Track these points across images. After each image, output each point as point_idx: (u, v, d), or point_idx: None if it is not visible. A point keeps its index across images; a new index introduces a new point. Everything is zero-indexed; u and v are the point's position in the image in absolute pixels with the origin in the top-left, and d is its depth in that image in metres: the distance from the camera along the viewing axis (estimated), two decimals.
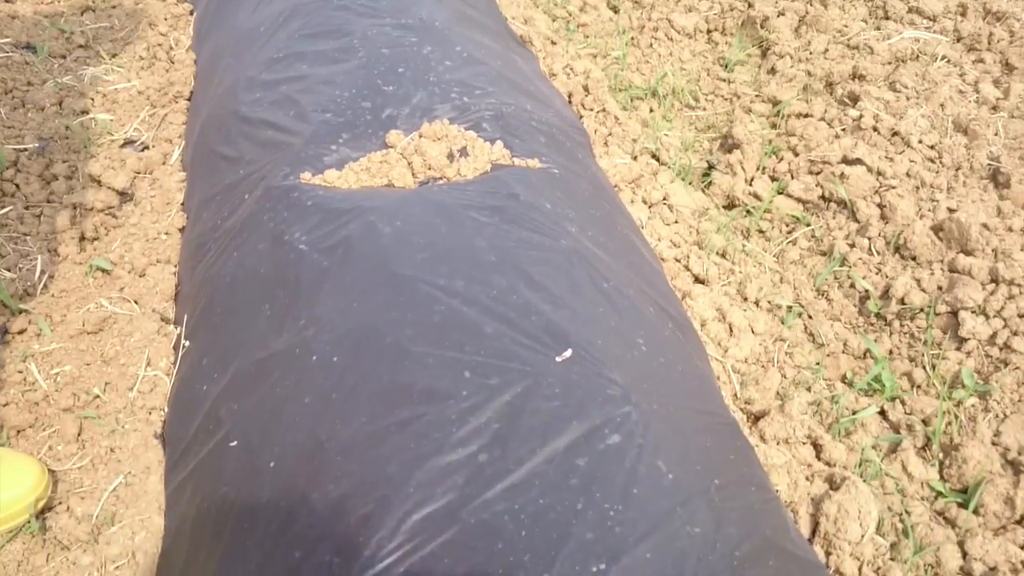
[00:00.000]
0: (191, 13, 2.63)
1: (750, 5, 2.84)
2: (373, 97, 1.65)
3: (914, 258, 1.91)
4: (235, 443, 1.17)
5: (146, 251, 1.76)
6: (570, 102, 2.30)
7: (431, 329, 1.14)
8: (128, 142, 2.14)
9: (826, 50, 2.60)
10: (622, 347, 1.18)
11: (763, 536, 1.02)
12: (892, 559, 1.35)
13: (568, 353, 1.12)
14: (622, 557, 0.89)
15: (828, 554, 1.31)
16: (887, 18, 2.80)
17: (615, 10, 3.06)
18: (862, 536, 1.30)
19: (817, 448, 1.51)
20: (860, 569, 1.30)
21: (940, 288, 1.81)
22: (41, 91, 2.29)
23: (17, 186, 1.98)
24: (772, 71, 2.58)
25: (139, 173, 2.00)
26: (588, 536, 0.92)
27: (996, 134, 2.22)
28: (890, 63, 2.51)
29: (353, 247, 1.30)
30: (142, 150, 2.09)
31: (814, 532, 1.35)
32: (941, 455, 1.54)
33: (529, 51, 2.35)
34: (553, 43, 2.60)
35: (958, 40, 2.70)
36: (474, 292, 1.19)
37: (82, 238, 1.86)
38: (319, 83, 1.71)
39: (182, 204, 1.87)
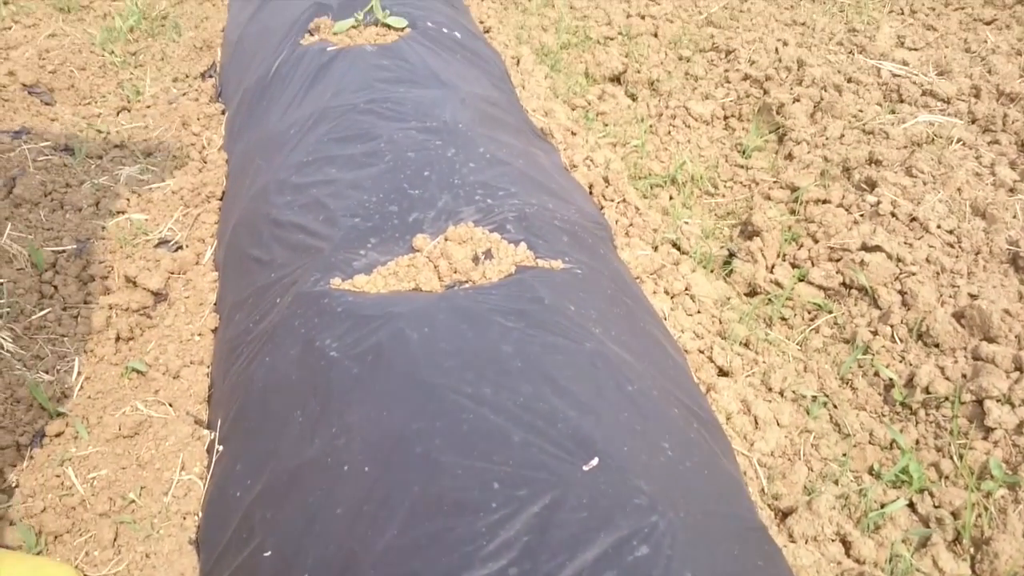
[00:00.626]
0: (223, 113, 2.73)
1: (766, 92, 2.91)
2: (400, 201, 1.70)
3: (937, 345, 1.92)
4: (269, 553, 1.19)
5: (180, 353, 1.81)
6: (591, 193, 2.36)
7: (460, 439, 1.17)
8: (162, 242, 2.20)
9: (842, 135, 2.64)
10: (648, 453, 1.20)
11: None
12: None
13: (595, 462, 1.14)
14: None
15: None
16: (901, 101, 2.85)
17: (633, 98, 3.13)
18: None
19: (846, 545, 1.51)
20: None
21: (964, 376, 1.82)
22: (79, 192, 2.37)
23: (55, 287, 2.05)
24: (789, 157, 2.63)
25: (173, 273, 2.05)
26: None
27: (1014, 217, 2.24)
28: (906, 147, 2.55)
29: (383, 354, 1.33)
30: (176, 250, 2.16)
31: None
32: (972, 549, 1.53)
33: (550, 144, 2.41)
34: (573, 134, 2.67)
35: (973, 122, 2.75)
36: (501, 399, 1.22)
37: (118, 339, 1.91)
38: (347, 187, 1.76)
39: (215, 305, 1.92)
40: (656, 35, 3.48)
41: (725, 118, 2.92)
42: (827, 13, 3.73)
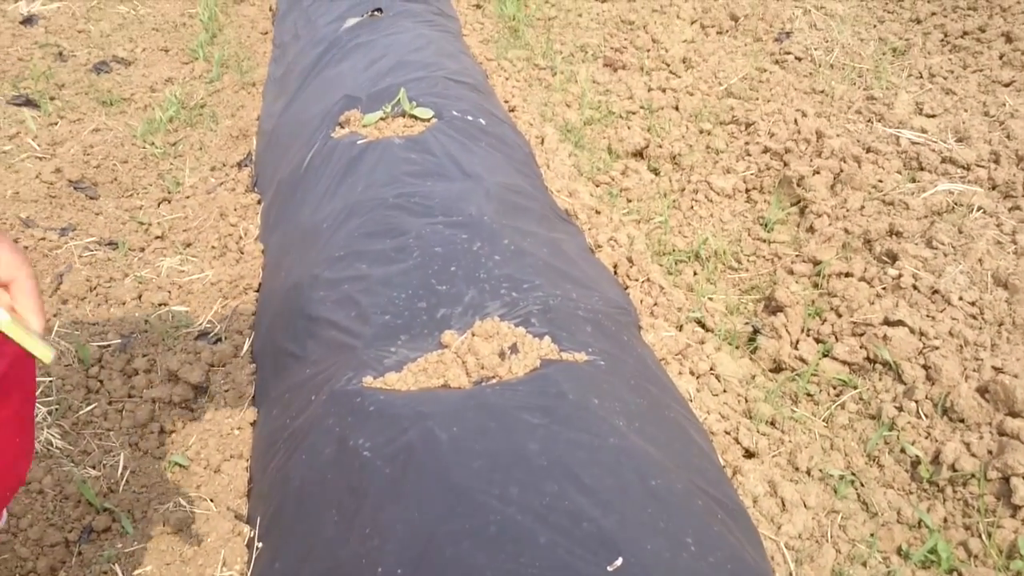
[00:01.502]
0: (258, 203, 2.83)
1: (786, 164, 2.96)
2: (428, 297, 1.77)
3: (962, 420, 1.94)
4: None
5: (220, 447, 1.88)
6: (616, 273, 2.41)
7: (488, 540, 1.21)
8: (202, 334, 2.29)
9: (862, 207, 2.68)
10: (671, 550, 1.24)
11: None
12: None
13: (619, 562, 1.18)
14: None
15: None
16: (921, 169, 2.90)
17: (656, 172, 3.20)
18: None
19: None
20: None
21: (990, 452, 1.83)
22: (122, 286, 2.47)
23: (101, 382, 2.13)
24: (811, 229, 2.67)
25: (213, 366, 2.13)
26: None
27: None
28: (926, 217, 2.59)
29: (413, 455, 1.38)
30: (215, 342, 2.24)
31: None
32: None
33: (575, 225, 2.48)
34: (597, 212, 2.73)
35: (993, 188, 2.78)
36: (528, 499, 1.27)
37: (161, 431, 1.99)
38: (378, 283, 1.84)
39: (253, 398, 1.99)
40: (677, 108, 3.56)
41: (747, 191, 2.98)
42: (846, 80, 3.79)
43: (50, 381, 2.08)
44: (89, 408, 2.04)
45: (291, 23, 4.04)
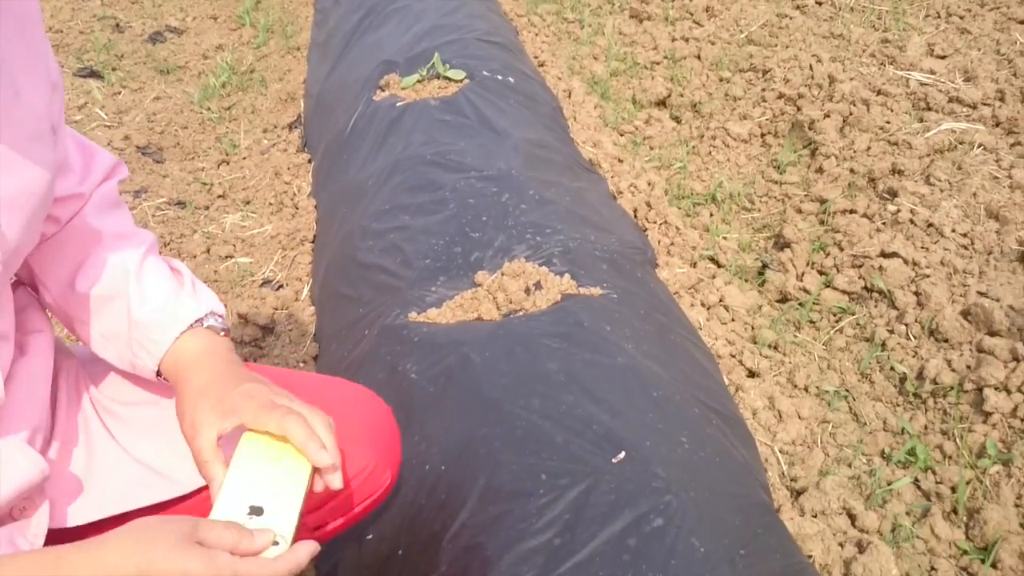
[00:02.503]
0: (309, 162, 3.09)
1: (799, 109, 3.14)
2: (463, 243, 2.02)
3: (946, 340, 2.15)
4: (370, 536, 1.52)
5: None
6: (636, 216, 2.64)
7: (514, 441, 1.47)
8: (265, 282, 2.57)
9: (868, 148, 2.87)
10: (667, 446, 1.49)
11: None
12: None
13: (622, 455, 1.43)
14: None
15: None
16: (928, 109, 3.06)
17: (677, 120, 3.40)
18: None
19: (852, 517, 1.77)
20: None
21: (968, 367, 2.05)
22: (192, 241, 2.76)
23: None
24: (820, 170, 2.87)
25: (277, 310, 2.41)
26: None
27: None
28: (927, 156, 2.77)
29: (453, 376, 1.65)
30: (277, 288, 2.52)
31: None
32: (966, 518, 1.78)
33: (598, 174, 2.70)
34: (620, 161, 2.95)
35: (996, 125, 2.94)
36: (547, 408, 1.52)
37: None
38: (419, 232, 2.09)
39: (314, 336, 2.27)
40: (699, 57, 3.74)
41: (762, 135, 3.17)
42: (864, 23, 3.93)
43: None
44: None
45: None
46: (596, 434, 1.47)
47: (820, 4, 4.13)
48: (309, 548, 0.92)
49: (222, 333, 1.18)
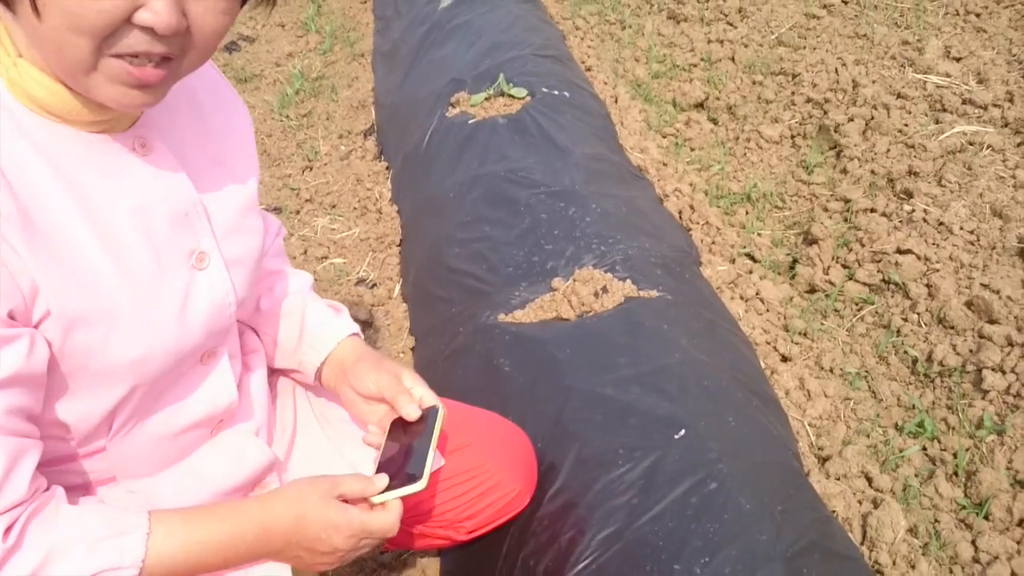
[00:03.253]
0: (387, 169, 3.47)
1: (825, 113, 3.48)
2: (539, 253, 2.40)
3: (952, 327, 2.51)
4: None
5: None
6: (680, 217, 3.00)
7: (594, 423, 1.86)
8: (360, 281, 2.96)
9: (888, 150, 3.20)
10: (718, 424, 1.87)
11: (810, 539, 1.68)
12: (923, 553, 1.98)
13: (682, 432, 1.81)
14: (718, 553, 1.58)
15: (871, 550, 1.95)
16: (944, 111, 3.38)
17: (714, 122, 3.74)
18: (894, 538, 1.94)
19: (869, 479, 2.14)
20: (894, 560, 1.93)
21: (970, 351, 2.41)
22: (291, 244, 3.16)
23: None
24: (844, 171, 3.21)
25: (373, 306, 2.81)
26: (698, 543, 1.61)
27: None
28: (941, 157, 3.10)
29: (539, 368, 2.03)
30: (371, 287, 2.91)
31: (864, 537, 1.99)
32: (964, 479, 2.15)
33: (646, 180, 3.07)
34: (664, 164, 3.31)
35: (1005, 126, 3.26)
36: (619, 395, 1.90)
37: None
38: (501, 243, 2.47)
39: (409, 330, 2.67)
40: (733, 59, 4.07)
41: (792, 137, 3.51)
42: (887, 20, 4.23)
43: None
44: None
45: None
46: (660, 416, 1.85)
47: (846, 3, 4.43)
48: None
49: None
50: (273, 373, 1.64)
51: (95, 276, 1.07)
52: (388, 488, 1.30)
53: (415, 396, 1.48)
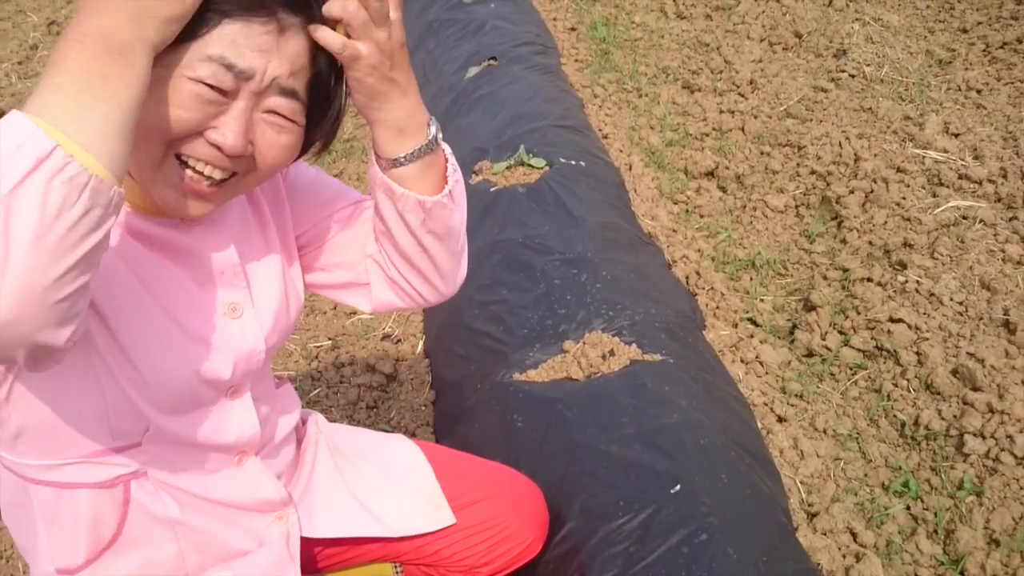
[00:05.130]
0: None
1: (828, 185, 3.68)
2: (552, 317, 2.60)
3: (939, 393, 2.68)
4: None
5: (413, 418, 2.75)
6: (687, 282, 3.19)
7: (598, 477, 2.04)
8: (385, 336, 3.17)
9: (885, 222, 3.39)
10: (711, 481, 2.05)
11: None
12: None
13: (678, 487, 1.99)
14: None
15: None
16: (941, 185, 3.58)
17: (723, 190, 3.95)
18: None
19: (854, 535, 2.30)
20: None
21: (955, 416, 2.57)
22: (320, 299, 3.37)
23: (320, 372, 3.03)
24: (843, 242, 3.40)
25: (398, 360, 3.01)
26: None
27: (1016, 287, 2.96)
28: (935, 230, 3.29)
29: (550, 425, 2.22)
30: (396, 343, 3.12)
31: None
32: (944, 537, 2.31)
33: (655, 246, 3.27)
34: (674, 231, 3.51)
35: (998, 201, 3.45)
36: (622, 451, 2.09)
37: (367, 407, 2.88)
38: (517, 306, 2.67)
39: (431, 384, 2.86)
40: (743, 130, 4.29)
41: (796, 207, 3.71)
42: (892, 94, 4.45)
43: (286, 372, 2.99)
44: (315, 391, 2.94)
45: (419, 64, 4.88)
46: (658, 472, 2.04)
47: (853, 77, 4.66)
48: None
49: None
50: (304, 424, 1.84)
51: (136, 302, 1.27)
52: None
53: None
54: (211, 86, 1.12)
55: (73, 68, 0.94)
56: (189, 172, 1.17)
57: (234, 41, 1.12)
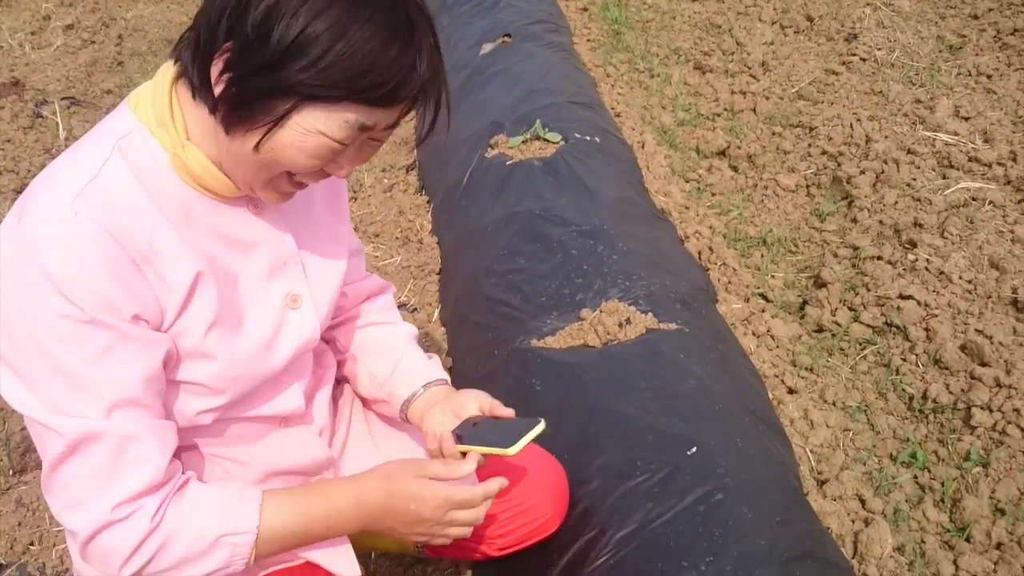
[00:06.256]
0: (428, 203, 3.74)
1: (839, 165, 3.72)
2: (569, 286, 2.64)
3: (947, 368, 2.72)
4: None
5: None
6: (699, 258, 3.24)
7: (616, 438, 2.09)
8: (401, 305, 3.21)
9: (896, 202, 3.44)
10: (726, 444, 2.09)
11: (805, 547, 1.90)
12: (909, 570, 2.19)
13: (694, 449, 2.04)
14: (721, 554, 1.80)
15: (860, 564, 2.16)
16: (951, 167, 3.62)
17: (735, 169, 3.99)
18: (882, 554, 2.15)
19: (862, 501, 2.36)
20: (881, 574, 2.14)
21: (962, 390, 2.62)
22: None
23: None
24: (854, 220, 3.44)
25: (428, 353, 3.04)
26: (704, 545, 1.83)
27: None
28: (944, 211, 3.33)
29: (568, 389, 2.27)
30: (412, 311, 3.16)
31: (855, 552, 2.21)
32: (950, 505, 2.36)
33: (668, 221, 3.31)
34: (687, 208, 3.55)
35: (1008, 183, 3.49)
36: (639, 415, 2.14)
37: None
38: (534, 276, 2.72)
39: (447, 352, 2.91)
40: (755, 111, 4.32)
41: (807, 187, 3.75)
42: (903, 78, 4.48)
43: None
44: None
45: None
46: (674, 435, 2.08)
47: (864, 60, 4.69)
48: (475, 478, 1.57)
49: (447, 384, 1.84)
50: (337, 385, 1.89)
51: (202, 312, 1.33)
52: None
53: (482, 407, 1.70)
54: (341, 142, 1.21)
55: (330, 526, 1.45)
56: (296, 187, 1.30)
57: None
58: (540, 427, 1.61)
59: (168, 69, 1.28)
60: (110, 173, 1.24)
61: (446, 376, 1.85)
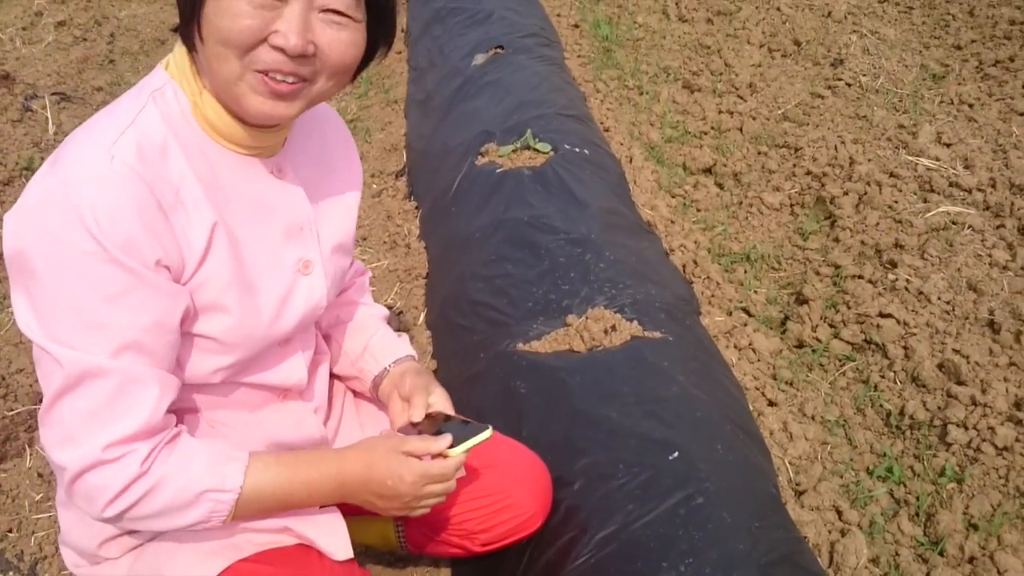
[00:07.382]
0: (416, 209, 3.76)
1: (823, 185, 3.77)
2: (556, 292, 2.67)
3: (924, 386, 2.77)
4: None
5: None
6: (684, 271, 3.27)
7: (598, 441, 2.11)
8: (387, 308, 3.23)
9: (877, 223, 3.49)
10: (707, 450, 2.12)
11: (782, 553, 1.93)
12: None
13: (676, 454, 2.06)
14: (700, 555, 1.82)
15: (836, 573, 2.19)
16: (932, 191, 3.68)
17: (720, 187, 4.04)
18: (857, 564, 2.18)
19: (839, 512, 2.39)
20: None
21: (939, 408, 2.67)
22: None
23: None
24: (836, 240, 3.50)
25: (399, 331, 3.05)
26: (684, 547, 1.85)
27: (1002, 290, 3.06)
28: (925, 233, 3.39)
29: (552, 392, 2.29)
30: (398, 314, 3.18)
31: (831, 562, 2.24)
32: (924, 519, 2.39)
33: (655, 234, 3.35)
34: (672, 222, 3.60)
35: (986, 209, 3.55)
36: (621, 420, 2.16)
37: None
38: (521, 281, 2.74)
39: (432, 355, 2.93)
40: (741, 130, 4.38)
41: (791, 206, 3.80)
42: (887, 104, 4.55)
43: None
44: None
45: (424, 49, 4.95)
46: (656, 440, 2.11)
47: (849, 86, 4.76)
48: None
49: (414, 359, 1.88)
50: (331, 377, 1.91)
51: (219, 266, 1.36)
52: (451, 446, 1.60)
53: (431, 403, 1.76)
54: None
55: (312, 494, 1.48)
56: (266, 78, 1.28)
57: None
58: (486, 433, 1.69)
59: None
60: (145, 121, 1.29)
61: (413, 352, 1.91)
